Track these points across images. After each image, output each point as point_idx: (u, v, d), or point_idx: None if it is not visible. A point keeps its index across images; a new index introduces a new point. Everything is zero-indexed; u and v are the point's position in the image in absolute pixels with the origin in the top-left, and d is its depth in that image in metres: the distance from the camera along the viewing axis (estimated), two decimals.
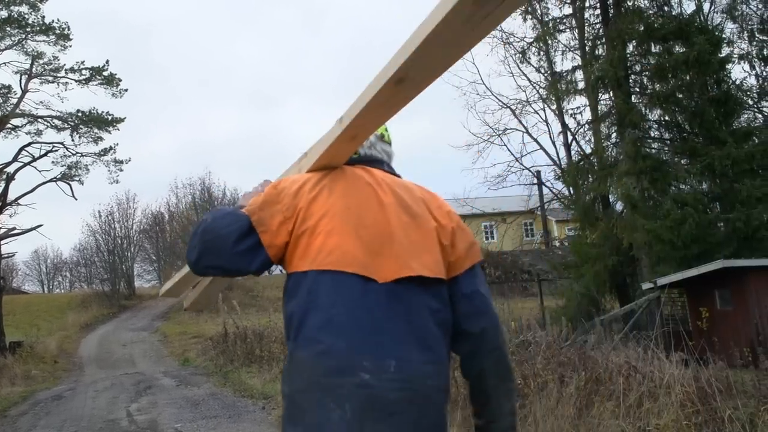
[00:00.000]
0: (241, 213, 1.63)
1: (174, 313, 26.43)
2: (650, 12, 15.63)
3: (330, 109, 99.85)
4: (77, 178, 26.71)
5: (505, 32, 20.29)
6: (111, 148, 26.63)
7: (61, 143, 25.88)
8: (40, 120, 24.99)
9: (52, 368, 15.70)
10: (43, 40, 23.86)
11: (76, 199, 27.22)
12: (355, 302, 1.53)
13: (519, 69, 20.21)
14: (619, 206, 16.02)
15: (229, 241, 1.60)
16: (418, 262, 1.59)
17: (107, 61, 25.15)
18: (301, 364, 1.55)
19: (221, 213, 1.69)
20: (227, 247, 1.60)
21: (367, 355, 1.50)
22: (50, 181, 26.13)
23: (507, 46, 20.08)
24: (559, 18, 18.20)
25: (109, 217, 35.11)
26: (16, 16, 22.58)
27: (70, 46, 24.34)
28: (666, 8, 15.76)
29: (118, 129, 26.09)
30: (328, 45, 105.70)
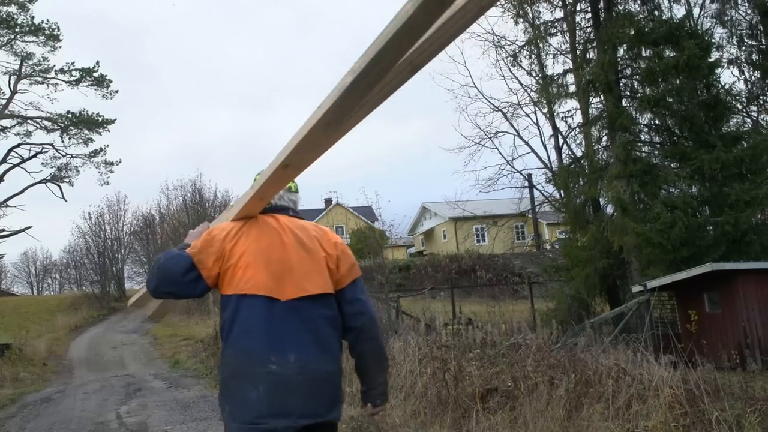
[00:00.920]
0: (185, 254, 2.33)
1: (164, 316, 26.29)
2: (641, 16, 15.75)
3: None
4: (67, 180, 26.66)
5: (497, 35, 20.39)
6: (101, 150, 26.57)
7: (51, 145, 25.81)
8: (29, 121, 24.87)
9: (41, 371, 15.58)
10: (33, 41, 23.76)
11: (66, 201, 27.29)
12: (264, 316, 2.25)
13: (510, 72, 20.23)
14: (610, 209, 16.11)
15: (178, 275, 2.31)
16: (311, 284, 2.33)
17: (97, 63, 25.13)
18: (230, 358, 2.30)
19: (171, 254, 2.39)
20: (177, 279, 2.32)
21: (274, 352, 2.22)
22: (40, 182, 26.03)
23: (498, 49, 20.10)
24: (551, 21, 18.32)
25: (100, 219, 34.90)
26: (5, 16, 22.44)
27: (60, 47, 24.27)
28: (656, 13, 15.90)
29: (109, 130, 26.03)
30: (321, 47, 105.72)
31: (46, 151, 25.77)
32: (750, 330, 11.46)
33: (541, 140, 20.14)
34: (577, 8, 17.33)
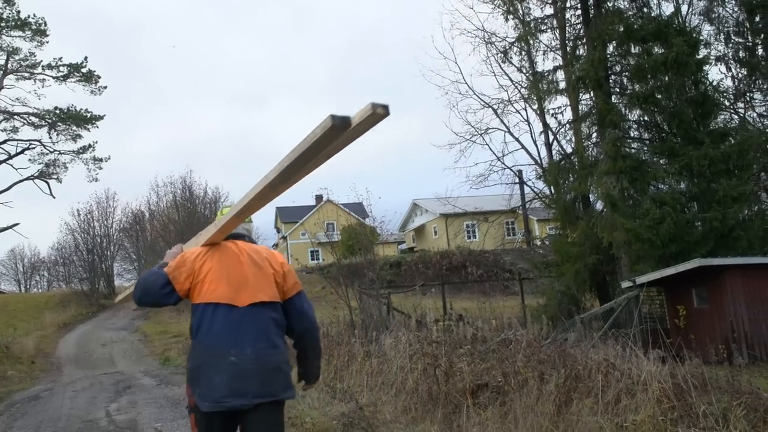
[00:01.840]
0: (163, 272, 2.97)
1: (154, 313, 26.19)
2: (630, 13, 15.80)
3: (317, 108, 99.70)
4: (55, 176, 26.43)
5: (487, 32, 20.38)
6: (90, 146, 26.35)
7: (39, 141, 25.57)
8: (16, 117, 24.64)
9: (29, 369, 15.47)
10: (19, 36, 23.52)
11: (54, 198, 26.96)
12: (225, 319, 2.90)
13: (501, 68, 20.20)
14: (600, 205, 16.18)
15: (157, 289, 2.96)
16: (262, 294, 2.99)
17: (86, 58, 24.88)
18: (198, 352, 2.94)
19: (152, 272, 3.04)
20: (156, 291, 2.97)
21: (233, 347, 2.86)
22: (27, 179, 25.79)
23: (489, 45, 20.10)
24: (541, 18, 18.34)
25: (89, 216, 34.71)
26: None
27: (47, 42, 24.03)
28: (645, 10, 15.95)
29: (98, 127, 25.83)
30: (315, 44, 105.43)
31: (34, 147, 25.55)
32: (737, 325, 11.58)
33: (532, 137, 20.19)
34: (567, 5, 17.36)
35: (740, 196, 13.34)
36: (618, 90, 15.91)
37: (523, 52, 19.25)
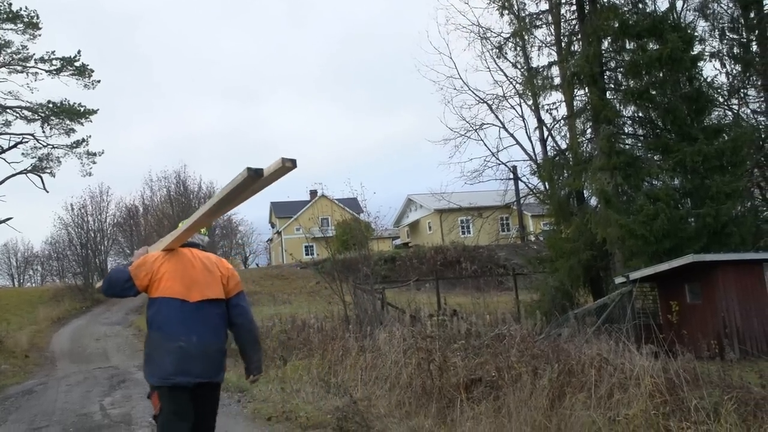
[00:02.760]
0: (127, 270, 3.60)
1: None
2: (625, 9, 15.80)
3: (312, 103, 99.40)
4: (48, 171, 26.24)
5: (482, 27, 20.39)
6: (83, 140, 26.19)
7: (32, 135, 25.39)
8: (8, 111, 24.45)
9: (23, 363, 15.44)
10: (11, 29, 23.31)
11: (48, 192, 26.77)
12: (177, 312, 3.50)
13: (496, 64, 20.25)
14: (594, 201, 16.21)
15: (120, 283, 3.60)
16: (210, 292, 3.62)
17: (79, 52, 24.68)
18: (154, 338, 3.55)
19: (118, 269, 3.70)
20: (119, 285, 3.60)
21: (182, 334, 3.45)
22: (20, 173, 25.62)
23: (484, 41, 20.13)
24: (536, 14, 18.32)
25: (82, 210, 34.57)
26: None
27: (40, 35, 23.81)
28: (640, 5, 15.94)
29: (91, 121, 25.65)
30: (312, 38, 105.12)
31: (27, 141, 25.37)
32: (729, 320, 11.64)
33: (526, 132, 20.25)
34: (562, 0, 17.36)
35: (733, 193, 13.40)
36: (613, 86, 15.93)
37: (518, 48, 19.27)
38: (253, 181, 2.96)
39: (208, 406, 3.62)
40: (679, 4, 17.90)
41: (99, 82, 25.31)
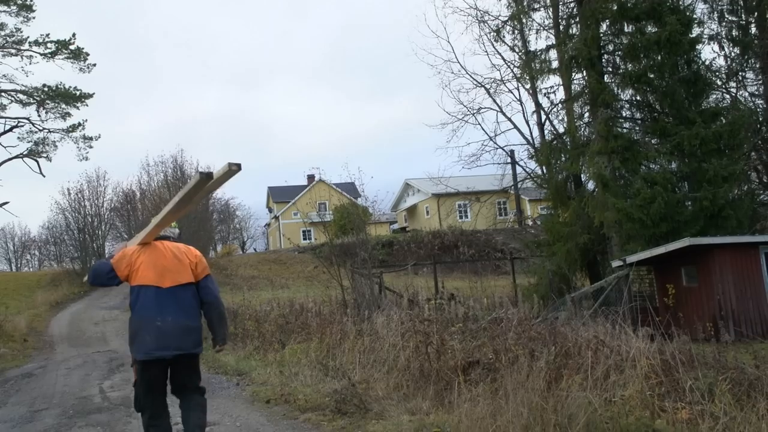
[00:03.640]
0: (109, 263, 4.20)
1: None
2: None
3: (312, 90, 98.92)
4: (45, 155, 26.13)
5: (480, 10, 20.20)
6: (80, 125, 26.06)
7: (27, 119, 25.25)
8: (3, 94, 24.29)
9: (22, 346, 15.49)
10: (4, 11, 23.08)
11: (44, 176, 26.63)
12: (153, 297, 4.08)
13: (494, 48, 20.07)
14: (591, 185, 16.23)
15: (103, 274, 4.20)
16: (181, 277, 4.19)
17: (74, 35, 24.50)
18: (135, 320, 4.13)
19: (101, 262, 4.36)
20: (102, 275, 4.21)
21: (159, 315, 4.03)
22: (16, 157, 25.51)
23: (482, 24, 19.94)
24: None
25: (79, 195, 34.43)
26: None
27: (34, 18, 23.59)
28: None
29: (87, 105, 25.50)
30: (311, 26, 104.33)
31: (22, 125, 25.23)
32: (725, 302, 11.72)
33: (524, 116, 20.13)
34: None
35: (731, 176, 13.42)
36: (611, 69, 15.87)
37: (516, 31, 19.12)
38: (205, 183, 3.63)
39: (189, 369, 4.26)
40: None
41: (95, 65, 25.16)
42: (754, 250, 12.18)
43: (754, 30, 18.17)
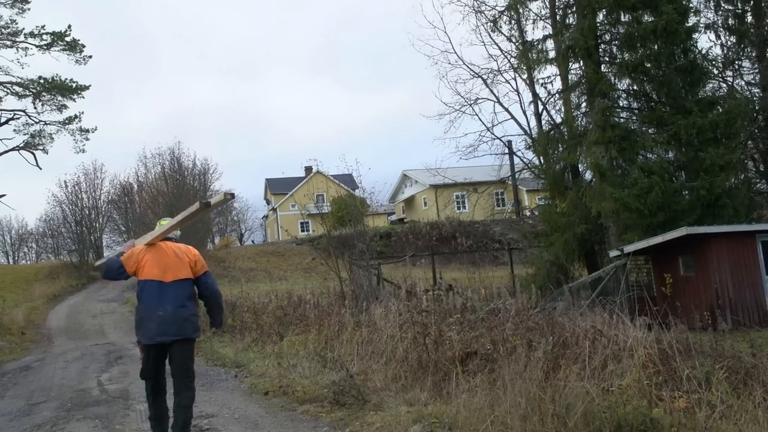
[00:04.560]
0: (119, 259, 4.92)
1: None
2: None
3: (309, 81, 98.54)
4: (41, 147, 26.03)
5: (477, 0, 20.10)
6: (76, 117, 25.95)
7: (23, 111, 25.14)
8: None
9: (20, 339, 15.48)
10: None
11: (41, 169, 26.50)
12: (156, 290, 4.81)
13: (490, 38, 19.97)
14: (588, 175, 16.21)
15: (114, 269, 4.93)
16: (180, 273, 4.92)
17: (69, 26, 24.35)
18: (140, 309, 4.90)
19: (112, 259, 5.01)
20: (114, 271, 4.94)
21: (161, 306, 4.77)
22: (12, 149, 25.42)
23: (479, 14, 19.85)
24: None
25: (76, 188, 34.30)
26: None
27: (29, 9, 23.43)
28: None
29: (83, 97, 25.38)
30: (309, 17, 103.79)
31: (18, 118, 25.13)
32: (722, 291, 11.76)
33: (521, 107, 20.08)
34: None
35: (727, 165, 13.42)
36: (608, 59, 15.82)
37: (513, 21, 19.03)
38: (204, 209, 4.72)
39: (186, 353, 4.89)
40: None
41: (90, 57, 25.01)
42: (751, 239, 12.20)
43: (750, 19, 18.12)
